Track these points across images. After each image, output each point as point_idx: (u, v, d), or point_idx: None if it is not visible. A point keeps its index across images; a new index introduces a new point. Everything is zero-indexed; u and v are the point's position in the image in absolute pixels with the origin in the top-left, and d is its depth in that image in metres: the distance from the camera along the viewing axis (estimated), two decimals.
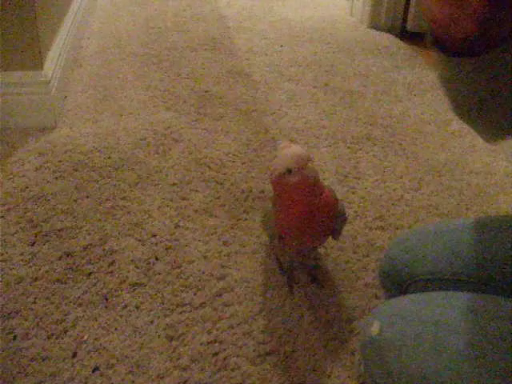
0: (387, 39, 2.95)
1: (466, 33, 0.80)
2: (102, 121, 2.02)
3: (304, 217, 1.16)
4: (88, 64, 2.48)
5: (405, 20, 3.09)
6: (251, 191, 1.68)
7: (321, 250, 1.47)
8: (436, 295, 1.04)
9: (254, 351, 1.20)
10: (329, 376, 1.16)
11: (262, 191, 1.68)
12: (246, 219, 1.57)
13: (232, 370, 1.16)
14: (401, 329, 0.97)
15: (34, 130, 1.94)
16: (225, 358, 1.18)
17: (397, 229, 1.56)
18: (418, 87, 2.40)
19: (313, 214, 1.16)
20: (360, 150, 1.91)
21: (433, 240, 1.18)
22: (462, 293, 1.01)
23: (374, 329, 0.99)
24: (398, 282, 1.17)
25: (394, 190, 1.72)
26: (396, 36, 3.01)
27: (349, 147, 1.92)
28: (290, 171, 1.12)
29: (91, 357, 1.18)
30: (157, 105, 2.14)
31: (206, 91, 2.26)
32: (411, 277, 1.14)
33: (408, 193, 1.71)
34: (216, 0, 3.44)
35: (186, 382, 1.14)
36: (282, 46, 2.77)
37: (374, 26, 3.11)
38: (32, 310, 1.28)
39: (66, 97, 2.17)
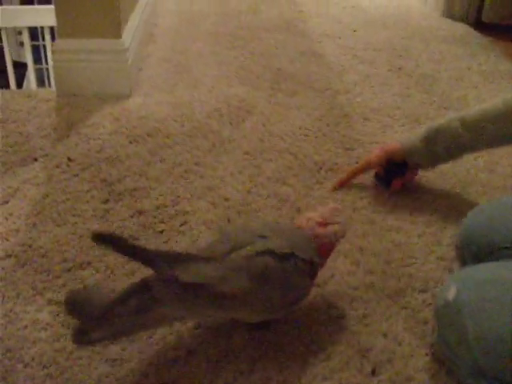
0: (462, 28, 2.91)
1: None
2: (176, 92, 2.04)
3: None
4: (162, 40, 2.51)
5: (480, 10, 3.04)
6: (324, 163, 1.67)
7: (396, 223, 1.46)
8: None
9: (324, 314, 1.19)
10: (400, 343, 1.13)
11: (336, 163, 1.67)
12: (318, 189, 1.56)
13: (302, 330, 1.15)
14: (479, 292, 0.95)
15: (110, 97, 1.97)
16: (296, 321, 1.17)
17: (471, 208, 1.52)
18: (493, 75, 2.36)
19: None
20: None
21: (511, 211, 1.16)
22: None
23: (451, 293, 0.98)
24: (476, 251, 1.15)
25: (469, 170, 1.69)
26: (471, 26, 2.96)
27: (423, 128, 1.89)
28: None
29: None
30: (230, 79, 2.15)
31: (279, 69, 2.26)
32: (489, 246, 1.13)
33: (483, 173, 1.67)
34: None
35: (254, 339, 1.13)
36: (355, 30, 2.76)
37: (448, 15, 3.08)
38: (103, 262, 1.29)
39: (141, 69, 2.20)
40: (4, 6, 3.60)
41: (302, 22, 2.82)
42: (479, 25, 3.01)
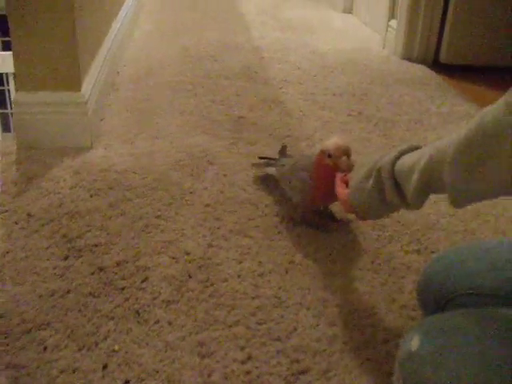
0: (420, 70, 2.97)
1: None
2: (137, 143, 2.04)
3: (325, 192, 1.50)
4: (124, 89, 2.51)
5: (438, 52, 3.12)
6: (286, 214, 1.67)
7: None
8: (478, 310, 1.02)
9: (287, 369, 1.17)
10: None
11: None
12: (279, 240, 1.56)
13: None
14: (442, 342, 0.94)
15: (70, 150, 1.96)
16: (258, 376, 1.16)
17: (432, 252, 1.53)
18: (451, 117, 2.40)
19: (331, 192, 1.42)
20: None
21: (472, 256, 1.16)
22: (504, 308, 0.99)
23: (414, 343, 0.97)
24: (437, 298, 1.15)
25: (429, 214, 1.70)
26: (429, 67, 3.03)
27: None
28: (329, 156, 1.43)
29: (122, 370, 1.16)
30: (192, 129, 2.16)
31: (240, 117, 2.27)
32: (451, 292, 1.13)
33: (444, 218, 1.69)
34: (249, 32, 3.48)
35: None
36: (315, 75, 2.79)
37: (407, 57, 3.15)
38: (63, 322, 1.27)
39: (102, 119, 2.20)
40: None
41: (263, 68, 2.85)
42: (437, 66, 3.08)
